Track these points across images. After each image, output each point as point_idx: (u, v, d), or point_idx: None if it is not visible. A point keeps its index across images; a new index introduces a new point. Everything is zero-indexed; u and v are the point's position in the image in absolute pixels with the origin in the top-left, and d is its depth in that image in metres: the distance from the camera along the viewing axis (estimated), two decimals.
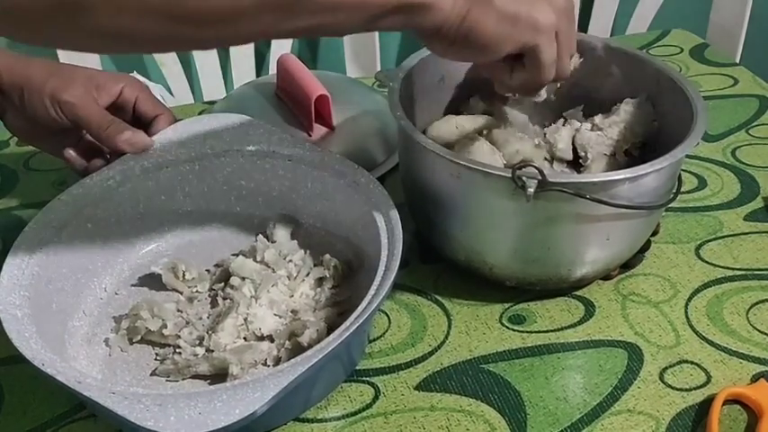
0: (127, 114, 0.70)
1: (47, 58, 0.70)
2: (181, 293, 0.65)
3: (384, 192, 0.63)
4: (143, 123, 0.71)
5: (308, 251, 0.67)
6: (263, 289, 0.62)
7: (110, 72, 0.71)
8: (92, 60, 1.20)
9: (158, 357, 0.60)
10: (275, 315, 0.61)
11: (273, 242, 0.68)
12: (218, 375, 0.57)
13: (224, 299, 0.63)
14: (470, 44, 0.51)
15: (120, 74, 0.71)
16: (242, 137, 0.69)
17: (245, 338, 0.60)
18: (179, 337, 0.60)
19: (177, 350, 0.59)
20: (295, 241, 0.68)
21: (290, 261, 0.65)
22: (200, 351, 0.59)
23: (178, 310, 0.63)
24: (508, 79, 0.58)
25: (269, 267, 0.65)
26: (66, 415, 0.57)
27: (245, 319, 0.60)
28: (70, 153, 0.70)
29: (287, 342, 0.58)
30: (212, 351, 0.58)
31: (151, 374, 0.58)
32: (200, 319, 0.62)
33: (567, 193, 0.55)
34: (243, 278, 0.64)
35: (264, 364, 0.58)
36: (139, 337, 0.60)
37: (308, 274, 0.65)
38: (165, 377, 0.58)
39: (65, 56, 1.17)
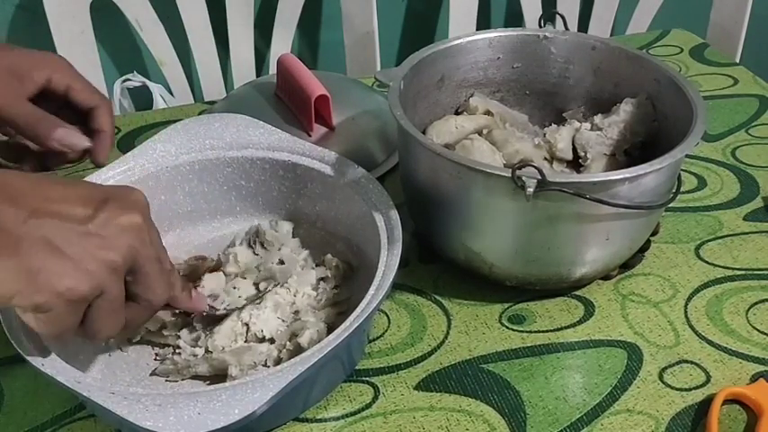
0: (56, 104, 0.62)
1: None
2: None
3: (384, 192, 0.63)
4: (79, 113, 0.63)
5: (308, 251, 0.67)
6: (268, 292, 0.62)
7: (34, 53, 0.61)
8: (91, 58, 1.20)
9: (158, 358, 0.60)
10: (278, 318, 0.61)
11: (273, 244, 0.68)
12: (218, 376, 0.57)
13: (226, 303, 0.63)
14: None
15: (45, 55, 0.62)
16: (242, 136, 0.69)
17: (245, 340, 0.60)
18: (179, 337, 0.60)
19: (177, 350, 0.59)
20: (297, 239, 0.68)
21: (295, 260, 0.65)
22: (200, 352, 0.59)
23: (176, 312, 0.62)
24: (36, 326, 0.46)
25: (273, 266, 0.65)
26: (65, 415, 0.57)
27: (247, 323, 0.60)
28: None
29: (288, 343, 0.58)
30: (211, 352, 0.58)
31: (150, 374, 0.58)
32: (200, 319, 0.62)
33: (566, 192, 0.55)
34: (244, 277, 0.64)
35: (264, 365, 0.58)
36: (138, 337, 0.60)
37: (312, 270, 0.64)
38: (165, 377, 0.58)
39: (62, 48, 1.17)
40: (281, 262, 0.66)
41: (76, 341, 0.58)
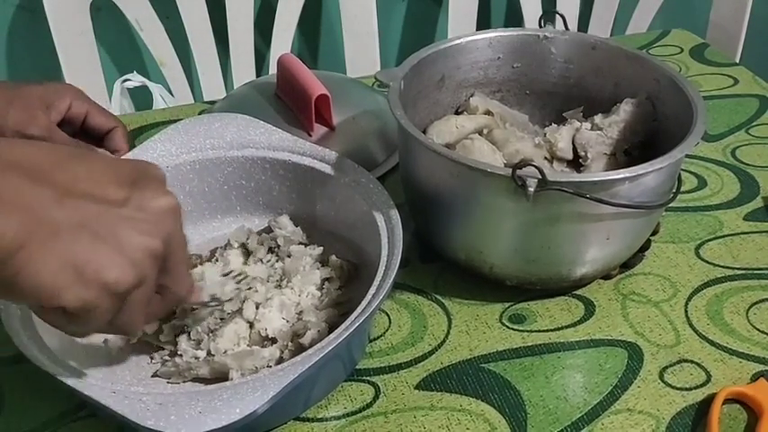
0: (74, 128, 0.68)
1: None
2: None
3: (384, 191, 0.63)
4: (95, 137, 0.69)
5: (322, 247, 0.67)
6: (273, 291, 0.62)
7: (54, 84, 0.68)
8: (91, 58, 1.20)
9: (153, 361, 0.59)
10: (283, 318, 0.61)
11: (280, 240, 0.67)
12: (219, 380, 0.57)
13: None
14: (12, 289, 0.39)
15: (64, 85, 0.67)
16: (242, 137, 0.69)
17: (247, 345, 0.59)
18: (176, 342, 0.60)
19: (178, 353, 0.59)
20: (299, 228, 0.68)
21: (304, 255, 0.65)
22: (202, 354, 0.58)
23: (174, 314, 0.62)
24: (65, 324, 0.43)
25: (278, 263, 0.65)
26: (66, 414, 0.57)
27: (251, 321, 0.59)
28: None
29: (290, 344, 0.58)
30: (213, 355, 0.58)
31: (152, 376, 0.58)
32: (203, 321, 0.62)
33: (567, 192, 0.55)
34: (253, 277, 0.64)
35: (267, 367, 0.58)
36: (135, 339, 0.60)
37: (317, 270, 0.64)
38: (167, 379, 0.58)
39: (66, 60, 1.17)
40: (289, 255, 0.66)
41: (75, 343, 0.59)
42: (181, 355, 0.58)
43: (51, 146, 0.43)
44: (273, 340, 0.59)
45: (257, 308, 0.60)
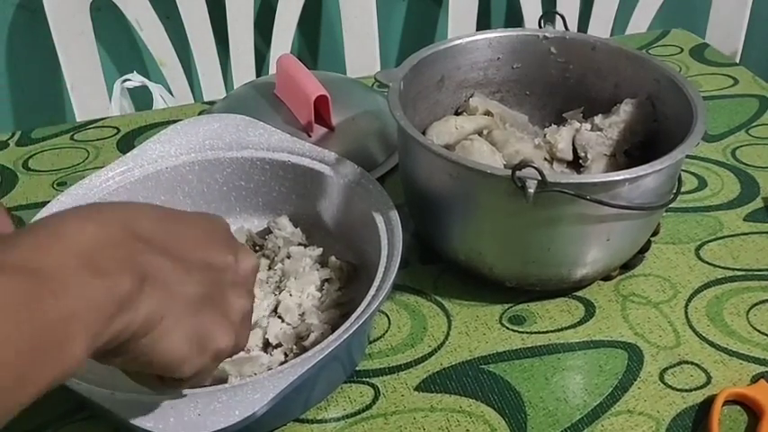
0: None
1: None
2: None
3: (384, 192, 0.63)
4: None
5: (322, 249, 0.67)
6: (273, 296, 0.61)
7: None
8: (91, 59, 1.20)
9: None
10: (287, 323, 0.60)
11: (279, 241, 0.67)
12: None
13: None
14: (142, 360, 0.39)
15: None
16: (242, 137, 0.69)
17: (246, 351, 0.59)
18: None
19: None
20: (299, 230, 0.68)
21: (303, 256, 0.65)
22: None
23: None
24: (156, 387, 0.44)
25: (277, 262, 0.65)
26: (65, 415, 0.57)
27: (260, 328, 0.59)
28: None
29: (294, 347, 0.58)
30: None
31: None
32: None
33: (567, 193, 0.55)
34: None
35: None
36: None
37: (317, 271, 0.64)
38: None
39: (66, 60, 1.17)
40: (288, 256, 0.66)
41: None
42: None
43: (148, 207, 0.42)
44: (278, 345, 0.59)
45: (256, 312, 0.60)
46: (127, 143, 0.87)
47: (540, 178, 0.54)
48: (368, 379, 0.60)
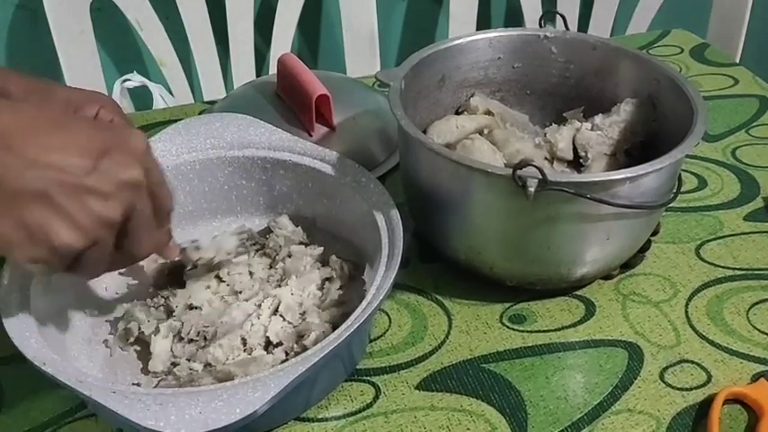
0: None
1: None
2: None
3: (384, 191, 0.63)
4: None
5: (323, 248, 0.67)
6: (272, 298, 0.62)
7: (88, 91, 0.65)
8: (91, 58, 1.20)
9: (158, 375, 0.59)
10: (288, 322, 0.60)
11: (280, 239, 0.67)
12: None
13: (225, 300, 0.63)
14: None
15: (97, 94, 0.65)
16: (243, 136, 0.69)
17: (248, 351, 0.59)
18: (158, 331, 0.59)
19: (175, 365, 0.58)
20: (300, 228, 0.68)
21: (304, 255, 0.65)
22: (198, 367, 0.57)
23: (173, 313, 0.62)
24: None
25: (277, 263, 0.65)
26: (66, 414, 0.57)
27: (249, 329, 0.59)
28: None
29: (295, 345, 0.58)
30: (212, 365, 0.57)
31: (153, 387, 0.58)
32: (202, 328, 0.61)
33: (567, 192, 0.55)
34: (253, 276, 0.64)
35: None
36: (133, 339, 0.60)
37: (317, 270, 0.64)
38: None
39: (66, 60, 1.17)
40: (289, 255, 0.66)
41: (75, 343, 0.59)
42: (177, 365, 0.58)
43: (34, 112, 0.46)
44: (279, 344, 0.59)
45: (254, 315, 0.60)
46: None
47: (540, 177, 0.54)
48: (368, 378, 0.60)
